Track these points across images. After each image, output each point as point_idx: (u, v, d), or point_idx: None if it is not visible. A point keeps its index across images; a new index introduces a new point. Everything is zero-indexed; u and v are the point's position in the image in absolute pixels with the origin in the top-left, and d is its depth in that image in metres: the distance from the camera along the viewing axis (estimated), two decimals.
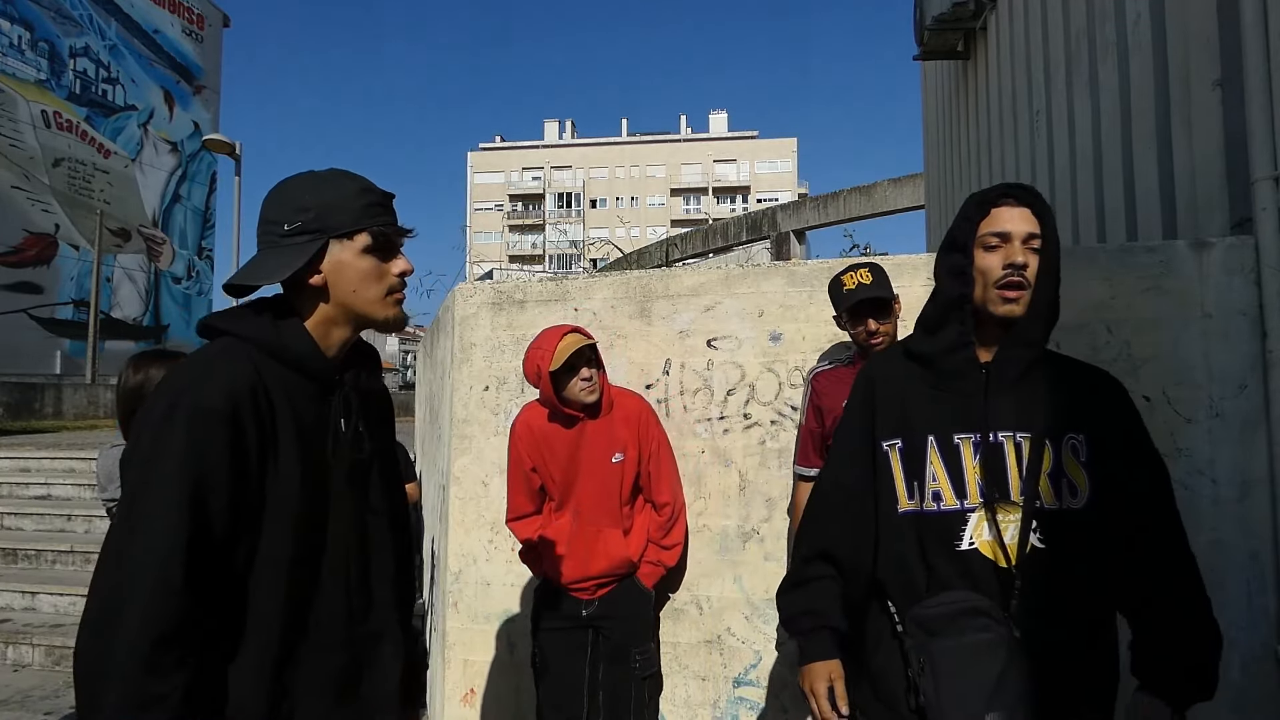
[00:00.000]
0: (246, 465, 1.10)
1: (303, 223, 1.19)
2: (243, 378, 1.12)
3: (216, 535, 1.07)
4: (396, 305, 1.27)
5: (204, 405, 1.07)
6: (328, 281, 1.21)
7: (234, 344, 1.17)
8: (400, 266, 1.26)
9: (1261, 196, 2.38)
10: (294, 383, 1.19)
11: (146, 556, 1.02)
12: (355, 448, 1.26)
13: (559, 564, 2.49)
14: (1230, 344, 2.36)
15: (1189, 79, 2.87)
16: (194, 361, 1.17)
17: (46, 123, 23.67)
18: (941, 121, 7.42)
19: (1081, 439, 1.38)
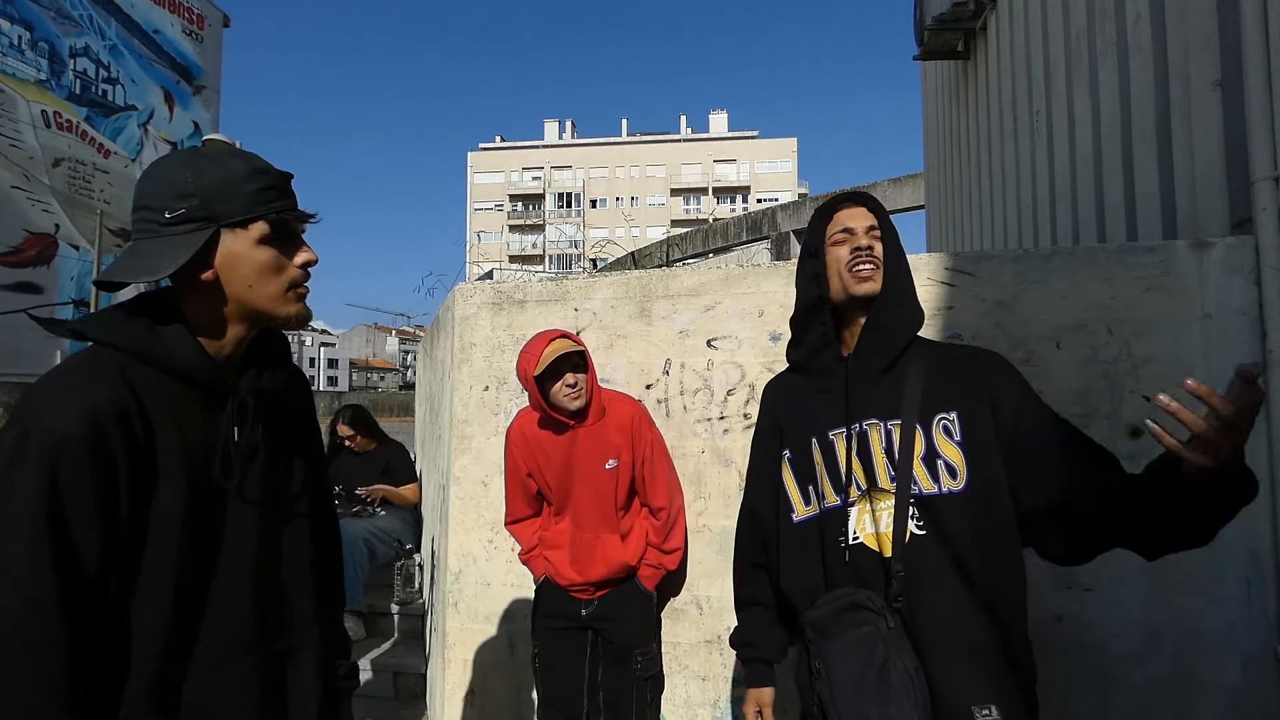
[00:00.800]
0: (115, 492, 0.97)
1: (186, 209, 1.03)
2: (107, 396, 0.98)
3: (88, 569, 0.95)
4: (299, 300, 1.13)
5: (59, 432, 0.94)
6: (220, 276, 1.07)
7: (101, 354, 1.03)
8: (303, 257, 1.13)
9: (1261, 196, 2.38)
10: (178, 392, 1.06)
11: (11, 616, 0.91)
12: (256, 457, 1.14)
13: (558, 567, 2.49)
14: (1230, 344, 2.35)
15: (1189, 79, 2.87)
16: (51, 379, 1.01)
17: (46, 123, 23.63)
18: (941, 121, 7.42)
19: (953, 417, 1.37)
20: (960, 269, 2.54)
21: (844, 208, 1.52)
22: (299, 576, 1.21)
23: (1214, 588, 2.31)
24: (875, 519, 1.37)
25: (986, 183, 5.72)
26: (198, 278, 1.06)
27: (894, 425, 1.38)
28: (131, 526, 1.00)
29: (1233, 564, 2.31)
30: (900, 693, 1.25)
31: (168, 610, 1.03)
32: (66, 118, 24.44)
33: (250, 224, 1.07)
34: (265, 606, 1.15)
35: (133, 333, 1.05)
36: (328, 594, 1.31)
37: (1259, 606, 2.29)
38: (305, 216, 1.14)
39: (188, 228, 1.04)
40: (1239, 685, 2.28)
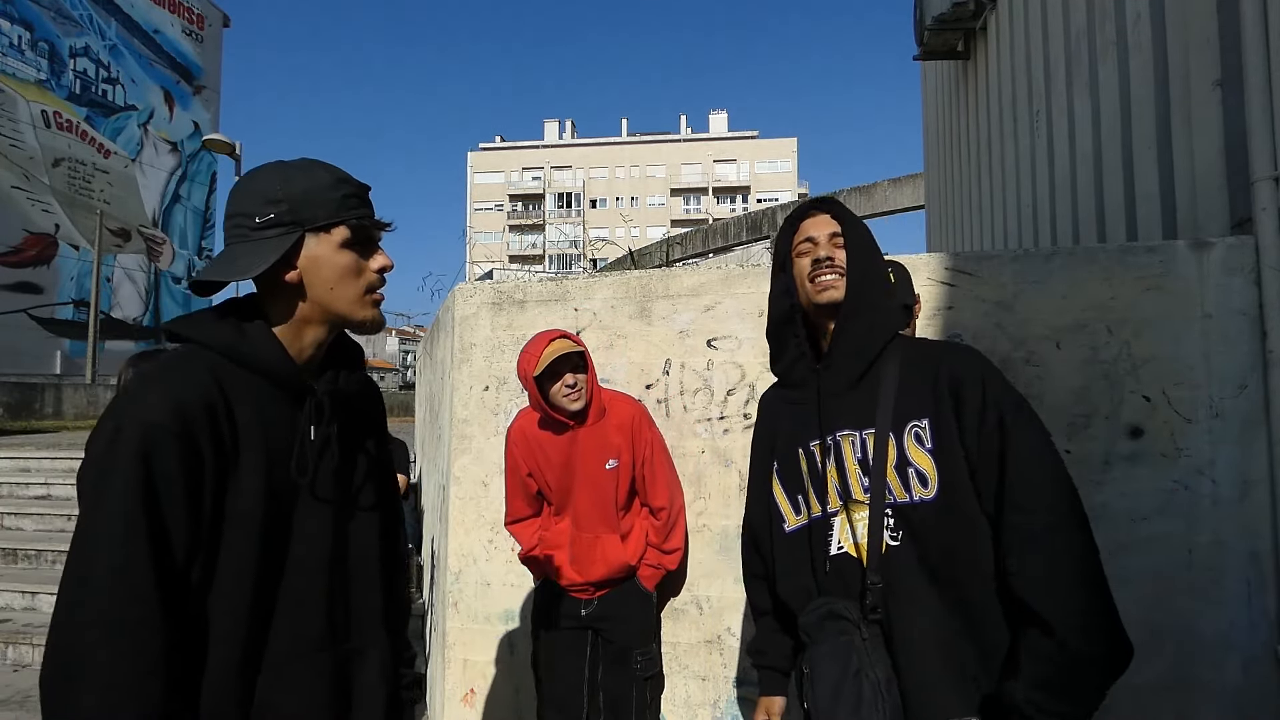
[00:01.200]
0: (201, 482, 1.03)
1: (275, 215, 1.11)
2: (196, 391, 1.05)
3: (175, 555, 1.01)
4: (374, 305, 1.20)
5: (151, 422, 1.00)
6: (303, 278, 1.13)
7: (193, 352, 1.10)
8: (380, 262, 1.19)
9: (1261, 196, 2.38)
10: (262, 390, 1.12)
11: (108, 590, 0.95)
12: (328, 456, 1.18)
13: (559, 567, 2.49)
14: (1230, 344, 2.36)
15: (1189, 79, 2.87)
16: (146, 375, 1.08)
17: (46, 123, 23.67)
18: (941, 121, 7.42)
19: (924, 424, 1.34)
20: (960, 269, 2.54)
21: (809, 216, 1.51)
22: (367, 577, 1.24)
23: (1214, 588, 2.31)
24: (854, 529, 1.37)
25: (986, 183, 5.72)
26: (282, 279, 1.13)
27: (868, 434, 1.38)
28: (213, 518, 1.05)
29: (1233, 564, 2.31)
30: (870, 705, 1.25)
31: (244, 604, 1.07)
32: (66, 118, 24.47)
33: (333, 228, 1.14)
34: (334, 605, 1.18)
35: (222, 333, 1.11)
36: (394, 597, 1.34)
37: (1259, 607, 2.30)
38: (382, 225, 1.21)
39: (276, 232, 1.11)
40: (1239, 685, 2.28)
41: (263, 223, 1.11)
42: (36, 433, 12.74)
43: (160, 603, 0.98)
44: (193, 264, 28.45)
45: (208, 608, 1.05)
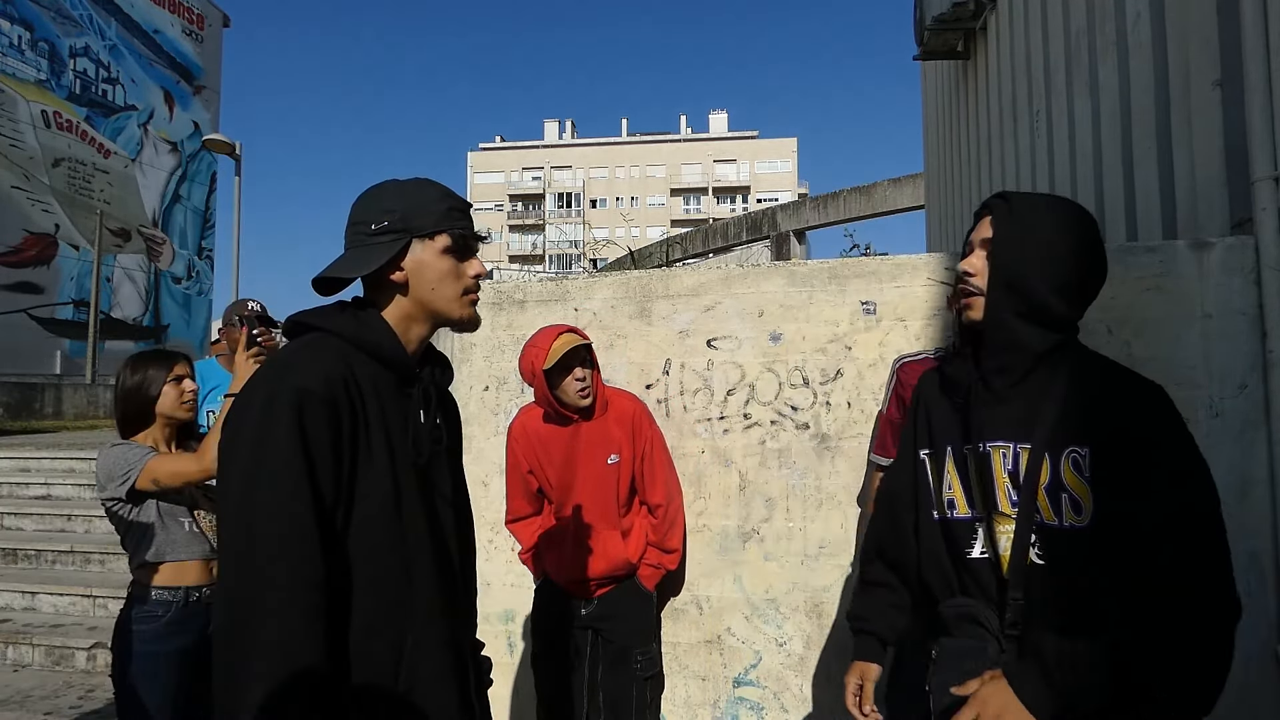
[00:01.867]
0: (341, 448, 1.15)
1: (389, 222, 1.26)
2: (336, 367, 1.18)
3: (326, 507, 1.13)
4: (471, 306, 1.34)
5: (305, 388, 1.13)
6: (409, 278, 1.28)
7: (321, 338, 1.24)
8: (475, 268, 1.33)
9: (1261, 196, 2.38)
10: (378, 375, 1.25)
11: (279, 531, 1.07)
12: (434, 439, 1.31)
13: (559, 565, 2.49)
14: (1230, 344, 2.35)
15: (1189, 79, 2.87)
16: (286, 355, 1.22)
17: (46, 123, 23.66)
18: (941, 121, 7.42)
19: (1084, 453, 1.28)
20: None
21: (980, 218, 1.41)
22: (462, 557, 1.38)
23: None
24: (996, 540, 1.35)
25: (986, 183, 5.72)
26: (389, 278, 1.28)
27: (1023, 449, 1.33)
28: (350, 478, 1.17)
29: (1233, 564, 2.30)
30: None
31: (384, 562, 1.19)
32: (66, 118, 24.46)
33: (436, 236, 1.28)
34: (444, 579, 1.29)
35: (346, 322, 1.26)
36: (472, 582, 1.48)
37: (1259, 607, 2.29)
38: (479, 236, 1.35)
39: (388, 238, 1.27)
40: (1239, 685, 2.27)
41: (377, 229, 1.26)
42: (36, 433, 12.74)
43: (322, 553, 1.10)
44: (193, 264, 28.45)
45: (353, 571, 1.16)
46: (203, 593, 2.33)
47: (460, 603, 1.35)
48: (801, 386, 2.71)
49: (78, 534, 6.25)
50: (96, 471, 2.30)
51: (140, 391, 2.34)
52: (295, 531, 1.08)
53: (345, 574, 1.16)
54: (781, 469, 2.71)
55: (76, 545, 5.89)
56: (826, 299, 2.71)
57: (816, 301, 2.71)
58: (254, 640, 1.05)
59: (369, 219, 1.28)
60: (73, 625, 5.05)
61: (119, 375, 2.39)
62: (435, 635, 1.25)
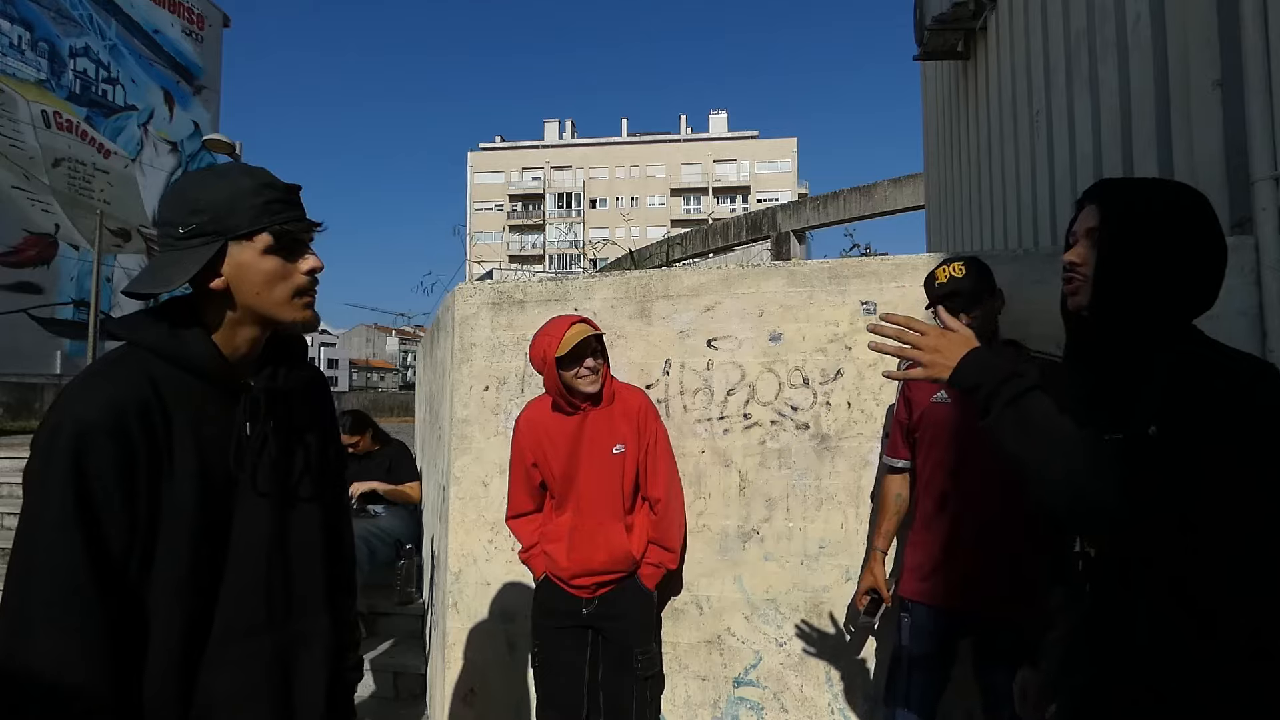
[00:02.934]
0: (135, 477, 1.07)
1: (198, 224, 1.13)
2: (130, 389, 1.09)
3: (112, 548, 1.05)
4: (306, 308, 1.22)
5: (86, 420, 1.05)
6: (230, 285, 1.16)
7: (128, 353, 1.15)
8: (308, 264, 1.20)
9: (1261, 196, 2.38)
10: (196, 388, 1.16)
11: (48, 586, 1.01)
12: (266, 450, 1.22)
13: (560, 559, 2.48)
14: (1230, 344, 2.35)
15: (1189, 79, 2.87)
16: (84, 374, 1.13)
17: (46, 123, 23.68)
18: (941, 121, 7.42)
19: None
20: None
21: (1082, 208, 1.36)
22: (308, 564, 1.29)
23: None
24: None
25: (986, 183, 5.72)
26: (210, 286, 1.16)
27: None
28: (149, 512, 1.09)
29: None
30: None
31: (182, 593, 1.12)
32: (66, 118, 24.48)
33: (255, 235, 1.15)
34: (273, 591, 1.22)
35: (157, 333, 1.15)
36: (338, 584, 1.39)
37: None
38: (309, 226, 1.21)
39: (199, 241, 1.14)
40: None
41: (186, 232, 1.13)
42: None
43: (98, 596, 1.03)
44: None
45: (148, 598, 1.10)
46: None
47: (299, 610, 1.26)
48: (801, 386, 2.72)
49: None
50: None
51: None
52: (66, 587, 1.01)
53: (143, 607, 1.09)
54: (781, 469, 2.71)
55: None
56: (826, 299, 2.71)
57: (816, 301, 2.71)
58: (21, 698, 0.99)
59: (176, 220, 1.14)
60: None
61: None
62: (242, 653, 1.17)
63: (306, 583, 1.28)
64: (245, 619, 1.18)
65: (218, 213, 1.14)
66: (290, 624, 1.25)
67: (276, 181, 1.19)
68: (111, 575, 1.05)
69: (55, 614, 1.00)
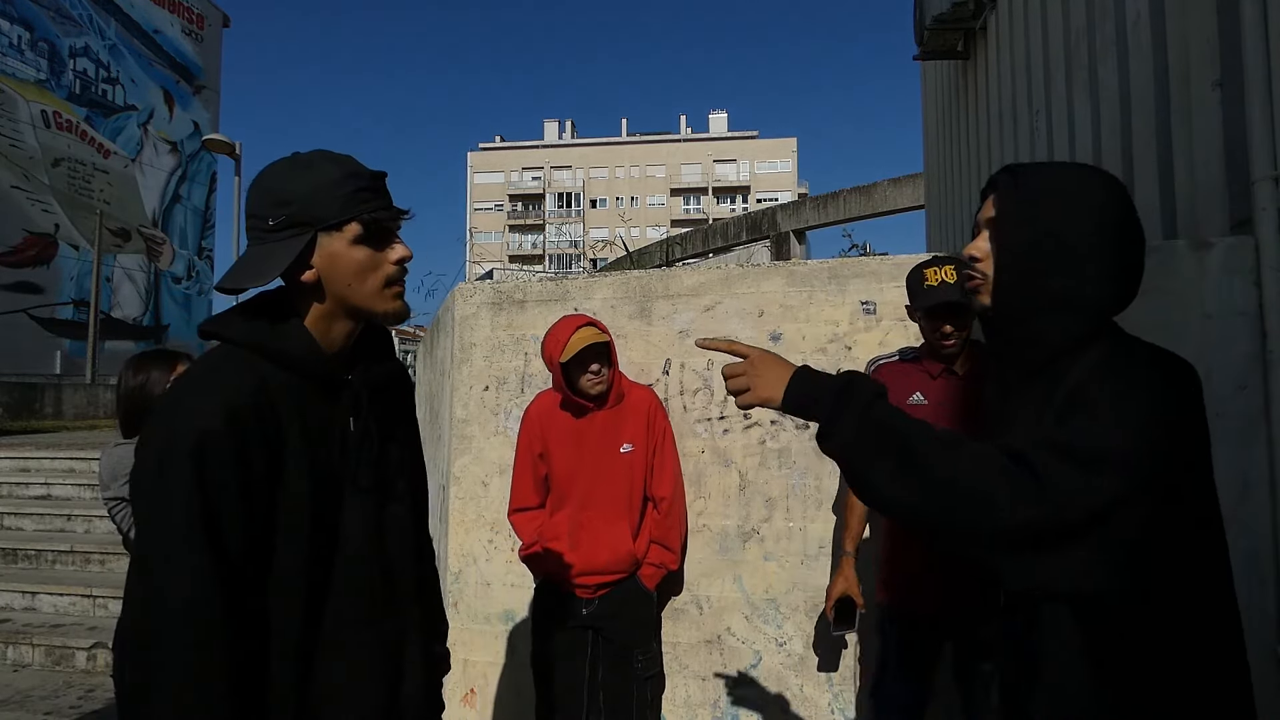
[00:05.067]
0: (253, 480, 1.06)
1: (286, 216, 1.11)
2: (242, 391, 1.07)
3: (234, 556, 1.05)
4: (397, 298, 1.20)
5: (204, 429, 1.03)
6: (321, 277, 1.14)
7: (231, 352, 1.13)
8: (398, 253, 1.18)
9: (1261, 196, 2.38)
10: (297, 385, 1.14)
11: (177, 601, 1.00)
12: (368, 446, 1.22)
13: (562, 558, 2.47)
14: (1230, 344, 2.35)
15: (1189, 79, 2.87)
16: (192, 378, 1.12)
17: (46, 123, 23.67)
18: (941, 121, 7.42)
19: None
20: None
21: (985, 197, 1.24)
22: (403, 558, 1.29)
23: None
24: None
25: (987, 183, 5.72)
26: (301, 279, 1.14)
27: None
28: (267, 512, 1.09)
29: (1233, 564, 2.30)
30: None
31: (299, 590, 1.12)
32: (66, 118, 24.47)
33: (344, 225, 1.13)
34: (375, 584, 1.23)
35: (256, 330, 1.13)
36: (427, 577, 1.42)
37: (1259, 607, 2.29)
38: (398, 214, 1.19)
39: (289, 233, 1.12)
40: None
41: (275, 225, 1.11)
42: (36, 433, 12.74)
43: (224, 607, 1.02)
44: (193, 264, 28.46)
45: (267, 593, 1.10)
46: None
47: (398, 602, 1.28)
48: None
49: (78, 534, 6.26)
50: (99, 471, 2.30)
51: (143, 391, 2.35)
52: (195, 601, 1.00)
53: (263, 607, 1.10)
54: (781, 469, 2.71)
55: (76, 545, 5.89)
56: (826, 299, 2.71)
57: (816, 301, 2.71)
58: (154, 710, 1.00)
59: (264, 213, 1.12)
60: (73, 625, 5.05)
61: (122, 375, 2.39)
62: (354, 642, 1.19)
63: (403, 576, 1.29)
64: (355, 610, 1.19)
65: (305, 203, 1.11)
66: (393, 615, 1.26)
67: (362, 169, 1.17)
68: (236, 582, 1.04)
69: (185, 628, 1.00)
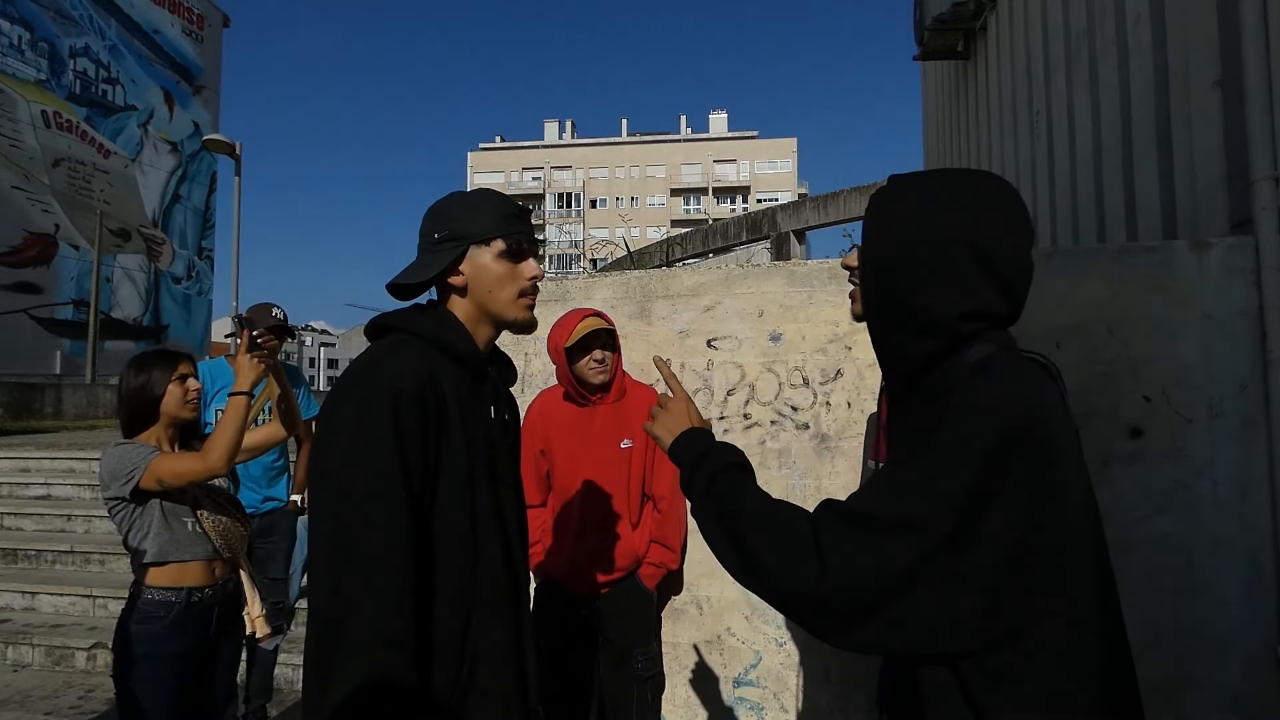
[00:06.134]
0: (429, 440, 1.25)
1: (449, 231, 1.38)
2: (422, 366, 1.28)
3: (416, 494, 1.22)
4: (527, 309, 1.43)
5: (397, 386, 1.23)
6: (468, 282, 1.39)
7: (404, 339, 1.34)
8: (531, 271, 1.42)
9: (1261, 196, 2.38)
10: (454, 372, 1.35)
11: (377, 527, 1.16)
12: (502, 431, 1.44)
13: (563, 557, 2.47)
14: (1230, 344, 2.36)
15: (1189, 79, 2.87)
16: (375, 355, 1.31)
17: (46, 123, 23.66)
18: (941, 121, 7.42)
19: None
20: None
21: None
22: (519, 536, 1.49)
23: (1214, 588, 2.31)
24: None
25: None
26: (452, 282, 1.39)
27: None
28: (435, 465, 1.27)
29: (1233, 564, 2.31)
30: None
31: (464, 551, 1.29)
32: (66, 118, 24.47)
33: (491, 241, 1.39)
34: (507, 558, 1.39)
35: (427, 324, 1.38)
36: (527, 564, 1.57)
37: (1259, 607, 2.30)
38: (535, 240, 1.45)
39: (449, 245, 1.38)
40: (1239, 685, 2.28)
41: (440, 237, 1.38)
42: (36, 433, 12.73)
43: (414, 538, 1.20)
44: (193, 264, 28.44)
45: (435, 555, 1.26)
46: (205, 593, 2.33)
47: (521, 581, 1.44)
48: (801, 386, 2.72)
49: (78, 534, 6.25)
50: (100, 471, 2.30)
51: (145, 391, 2.34)
52: (393, 516, 1.17)
53: (430, 550, 1.25)
54: (781, 469, 2.71)
55: (76, 545, 5.89)
56: (826, 299, 2.71)
57: (816, 301, 2.71)
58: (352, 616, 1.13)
59: (433, 228, 1.40)
60: (73, 625, 5.05)
61: (123, 375, 2.39)
62: (497, 611, 1.34)
63: (520, 551, 1.47)
64: (497, 583, 1.35)
65: (464, 223, 1.38)
66: (520, 592, 1.43)
67: (513, 202, 1.44)
68: (419, 525, 1.22)
69: (381, 551, 1.15)
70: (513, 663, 1.36)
